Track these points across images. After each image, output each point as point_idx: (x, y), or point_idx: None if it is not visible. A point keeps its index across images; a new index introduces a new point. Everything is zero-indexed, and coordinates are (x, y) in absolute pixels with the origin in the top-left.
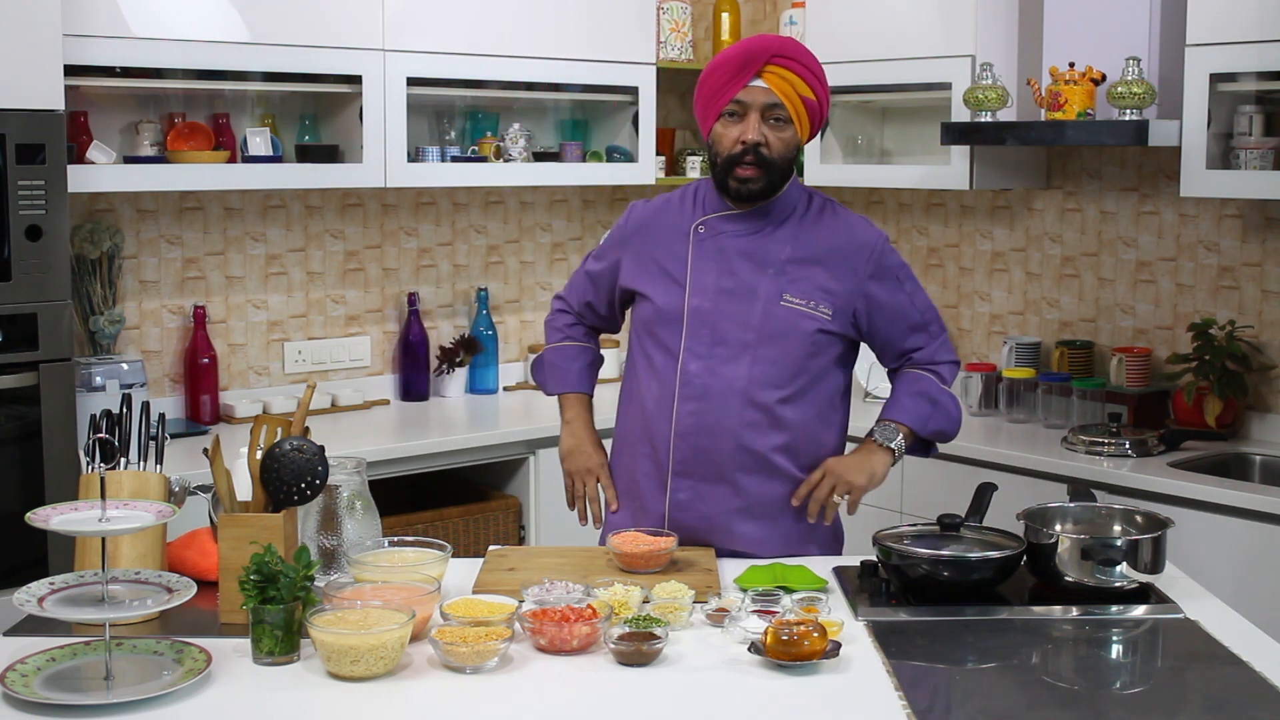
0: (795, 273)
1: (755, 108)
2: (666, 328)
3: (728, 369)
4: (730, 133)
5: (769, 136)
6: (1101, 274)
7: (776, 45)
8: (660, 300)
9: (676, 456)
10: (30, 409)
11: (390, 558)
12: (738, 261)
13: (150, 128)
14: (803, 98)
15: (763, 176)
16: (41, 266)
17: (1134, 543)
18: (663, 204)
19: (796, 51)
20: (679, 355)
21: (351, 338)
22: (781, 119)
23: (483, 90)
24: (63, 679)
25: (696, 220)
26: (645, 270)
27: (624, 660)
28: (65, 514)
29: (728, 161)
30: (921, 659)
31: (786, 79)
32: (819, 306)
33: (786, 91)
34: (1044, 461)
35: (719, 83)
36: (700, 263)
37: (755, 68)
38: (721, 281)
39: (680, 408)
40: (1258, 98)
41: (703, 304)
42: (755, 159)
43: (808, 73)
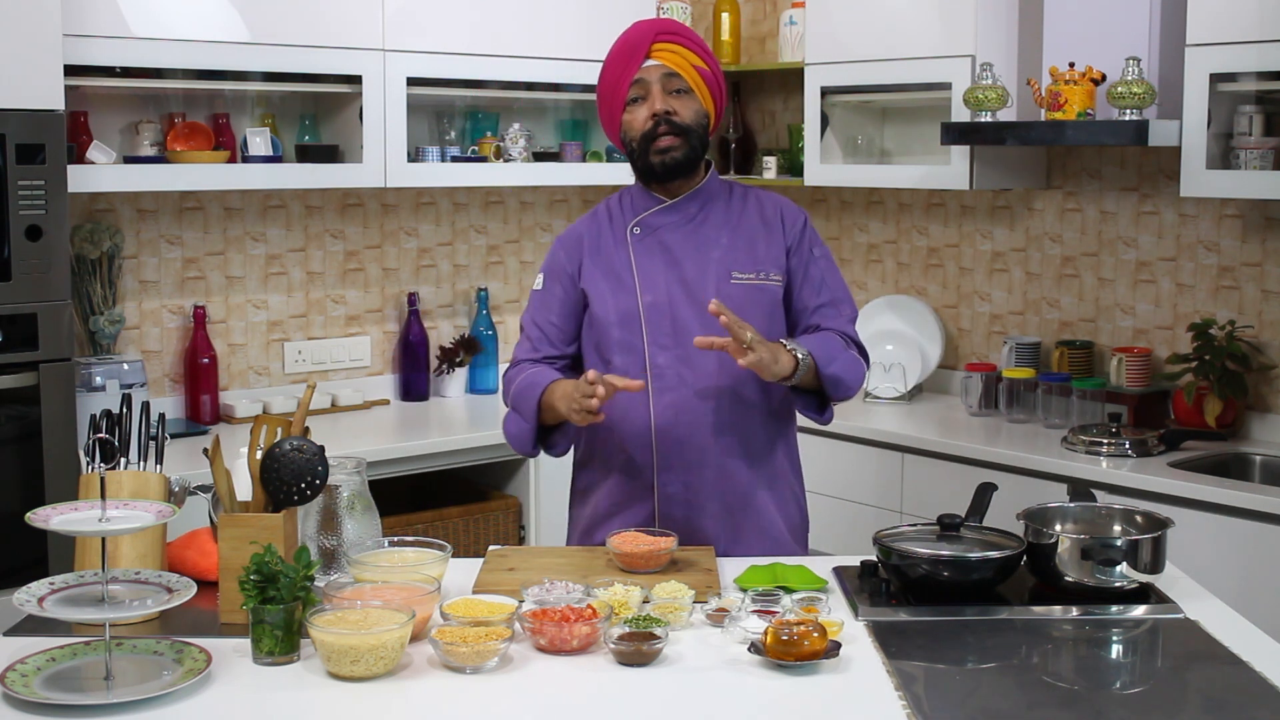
0: (737, 250)
1: (655, 82)
2: (625, 329)
3: (697, 356)
4: (638, 115)
5: (675, 105)
6: (1101, 274)
7: (658, 24)
8: (614, 302)
9: (660, 450)
10: (30, 409)
11: (390, 558)
12: (680, 251)
13: (150, 128)
14: (696, 68)
15: (683, 144)
16: (41, 266)
17: (1134, 543)
18: (588, 221)
19: (678, 27)
20: (643, 352)
21: (351, 338)
22: (683, 89)
23: (483, 90)
24: (63, 679)
25: (630, 223)
26: (593, 278)
27: (624, 660)
28: (65, 514)
29: (644, 140)
30: (921, 659)
31: (676, 52)
32: (770, 275)
33: (679, 63)
34: (1044, 461)
35: (615, 76)
36: (644, 260)
37: (644, 49)
38: (670, 273)
39: (656, 401)
40: (1258, 98)
41: (657, 299)
42: (670, 127)
43: (694, 45)
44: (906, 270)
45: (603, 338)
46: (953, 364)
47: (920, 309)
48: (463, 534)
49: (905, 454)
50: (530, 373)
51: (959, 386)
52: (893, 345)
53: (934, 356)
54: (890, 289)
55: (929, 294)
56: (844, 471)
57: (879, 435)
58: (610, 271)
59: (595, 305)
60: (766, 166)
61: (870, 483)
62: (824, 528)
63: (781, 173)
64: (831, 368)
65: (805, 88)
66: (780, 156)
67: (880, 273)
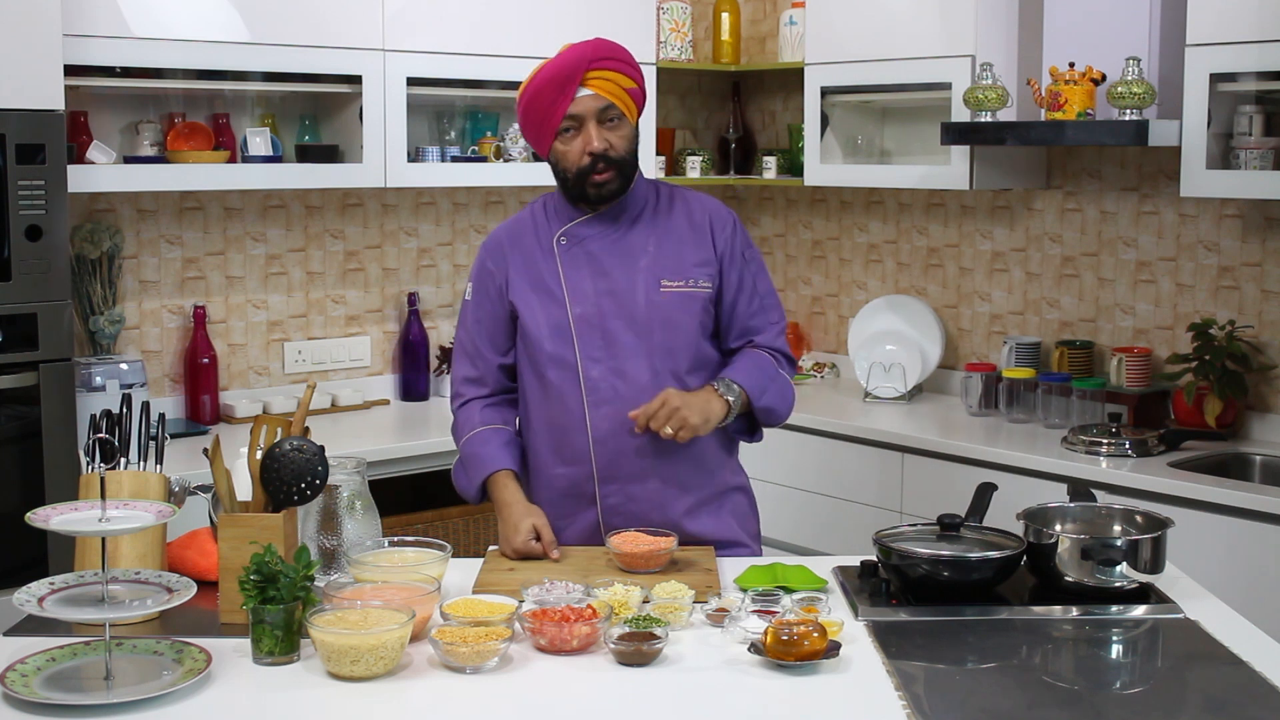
0: (665, 257)
1: (590, 116)
2: (556, 342)
3: (629, 367)
4: (573, 148)
5: (611, 139)
6: (1101, 274)
7: (592, 50)
8: (543, 315)
9: (600, 463)
10: (30, 409)
11: (390, 558)
12: (608, 261)
13: (150, 128)
14: (627, 90)
15: (617, 176)
16: (41, 266)
17: (1134, 543)
18: (513, 226)
19: (608, 50)
20: (576, 366)
21: (351, 338)
22: (615, 118)
23: (483, 90)
24: (63, 679)
25: (556, 232)
26: (521, 290)
27: (624, 660)
28: (65, 514)
29: (580, 174)
30: (921, 659)
31: (610, 78)
32: (698, 282)
33: (613, 91)
34: (1044, 461)
35: (546, 103)
36: (572, 271)
37: (578, 79)
38: (598, 284)
39: (592, 415)
40: (1258, 98)
41: (586, 310)
42: (606, 164)
43: (624, 65)
44: (906, 270)
45: (535, 352)
46: (953, 364)
47: (920, 309)
48: (463, 534)
49: (905, 454)
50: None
51: (959, 386)
52: (893, 345)
53: (934, 356)
54: (890, 289)
55: (929, 294)
56: (844, 471)
57: (879, 435)
58: (538, 283)
59: (525, 319)
60: (766, 166)
61: (870, 483)
62: (824, 528)
63: (781, 173)
64: (763, 399)
65: (805, 88)
66: (780, 156)
67: (880, 273)
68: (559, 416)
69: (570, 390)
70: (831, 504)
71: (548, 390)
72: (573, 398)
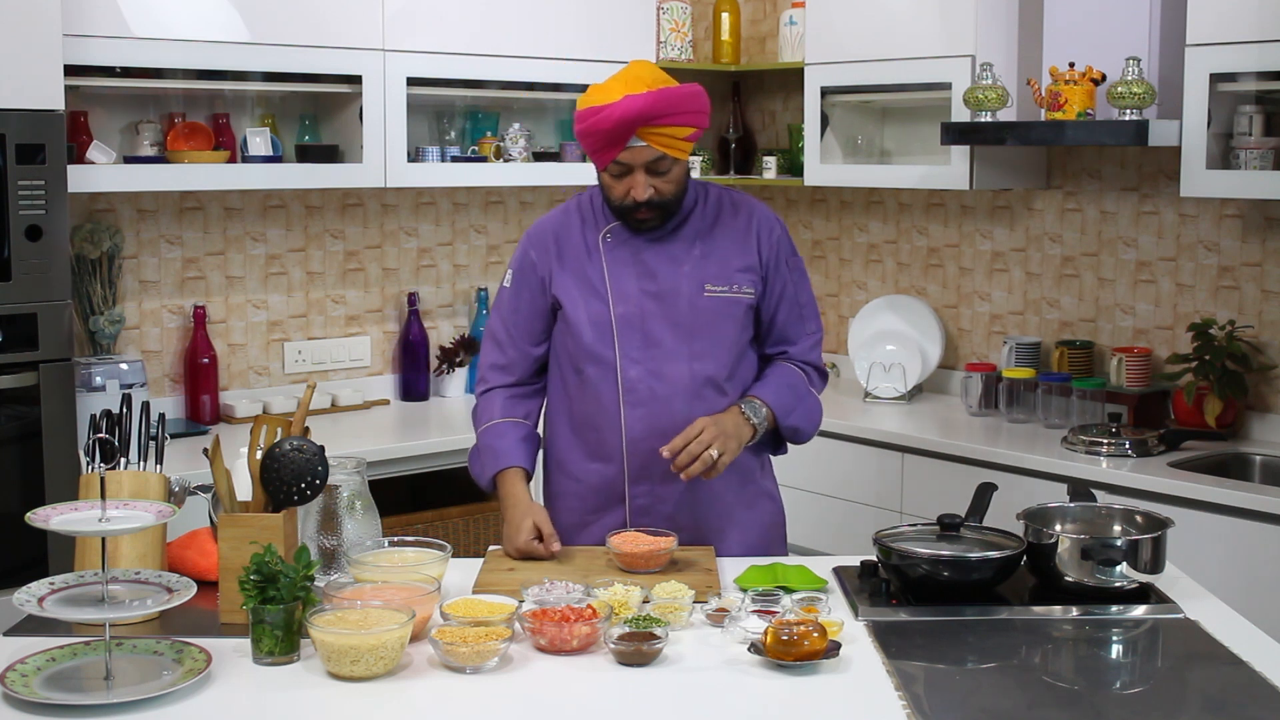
0: (710, 262)
1: (639, 167)
2: (597, 339)
3: (668, 369)
4: (618, 187)
5: (659, 185)
6: (1101, 274)
7: (648, 110)
8: (586, 311)
9: (631, 464)
10: (30, 409)
11: (390, 558)
12: (653, 262)
13: (150, 128)
14: (684, 137)
15: (658, 216)
16: (41, 266)
17: (1134, 543)
18: (559, 217)
19: (670, 106)
20: (615, 364)
21: (351, 338)
22: (666, 167)
23: (483, 90)
24: (63, 679)
25: (603, 229)
26: (564, 284)
27: (624, 660)
28: (65, 514)
29: (621, 210)
30: (921, 659)
31: (666, 134)
32: (742, 288)
33: (667, 144)
34: (1044, 461)
35: (595, 146)
36: (616, 269)
37: (628, 138)
38: (643, 285)
39: (628, 415)
40: (1258, 98)
41: (629, 310)
42: (649, 208)
43: (686, 117)
44: (906, 270)
45: (576, 346)
46: (953, 364)
47: (920, 309)
48: (463, 534)
49: (905, 454)
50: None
51: (959, 386)
52: (893, 345)
53: (934, 356)
54: (890, 289)
55: (929, 294)
56: (844, 471)
57: (879, 435)
58: (582, 278)
59: (568, 312)
60: (766, 166)
61: (870, 483)
62: (824, 528)
63: (781, 173)
64: (790, 419)
65: (805, 88)
66: (780, 156)
67: (880, 273)
68: (593, 414)
69: (607, 388)
70: (831, 504)
71: (584, 386)
72: (609, 396)
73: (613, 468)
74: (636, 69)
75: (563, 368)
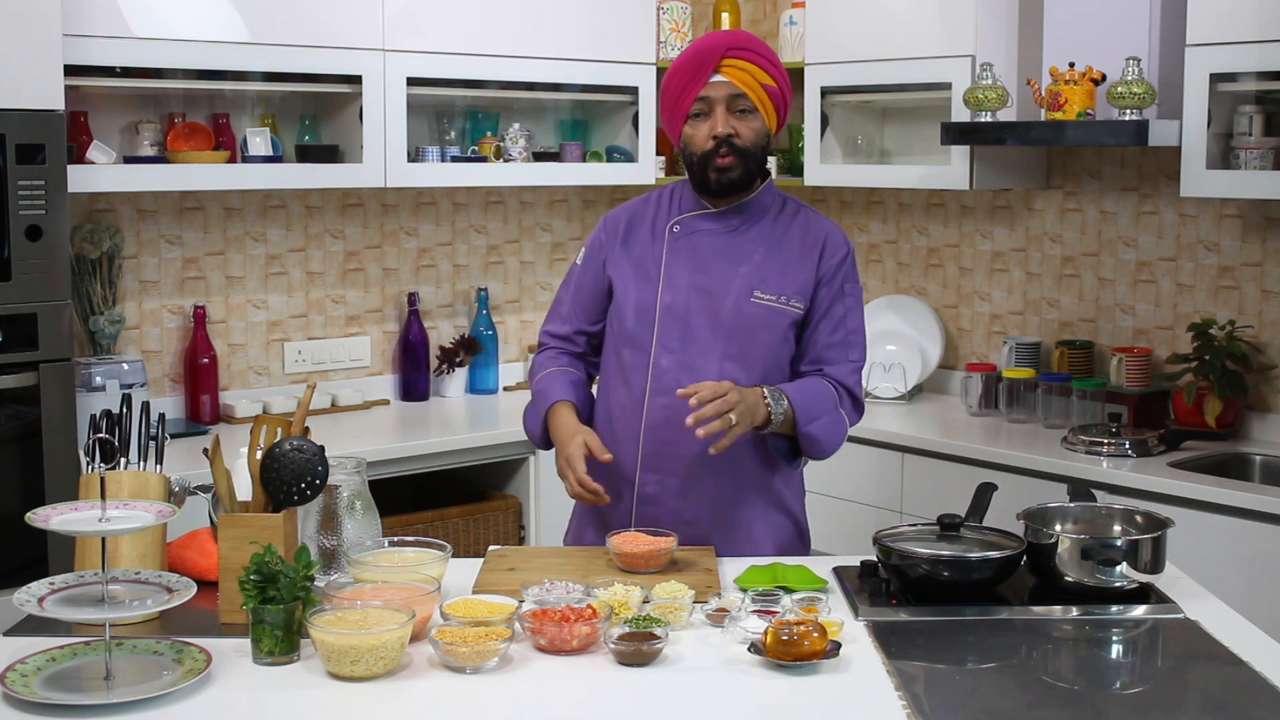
0: (768, 269)
1: (720, 101)
2: (638, 324)
3: (699, 364)
4: (700, 131)
5: (738, 127)
6: (1101, 274)
7: (729, 39)
8: (634, 296)
9: (645, 450)
10: (30, 409)
11: (390, 558)
12: (711, 259)
13: (150, 128)
14: (764, 85)
15: (739, 164)
16: (41, 266)
17: (1134, 543)
18: (639, 205)
19: (749, 42)
20: (650, 351)
21: (351, 338)
22: (747, 109)
23: (483, 90)
24: (63, 679)
25: (672, 220)
26: (621, 267)
27: (624, 660)
28: (65, 514)
29: (703, 158)
30: (921, 659)
31: (745, 69)
32: (791, 300)
33: (747, 81)
34: (1044, 461)
35: (680, 86)
36: (674, 259)
37: (712, 65)
38: (694, 279)
39: (651, 402)
40: (1258, 98)
41: (675, 300)
42: (729, 149)
43: (764, 61)
44: (906, 270)
45: (619, 328)
46: (953, 364)
47: (920, 309)
48: (463, 534)
49: (905, 454)
50: (548, 374)
51: (959, 386)
52: (893, 345)
53: (934, 356)
54: (890, 289)
55: (929, 294)
56: (844, 471)
57: (879, 435)
58: (639, 264)
59: (618, 296)
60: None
61: (870, 483)
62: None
63: (781, 173)
64: (810, 426)
65: (805, 88)
66: (780, 156)
67: (880, 273)
68: (623, 397)
69: (638, 374)
70: (831, 504)
71: (621, 368)
72: (638, 381)
73: (627, 451)
74: None
75: (607, 352)
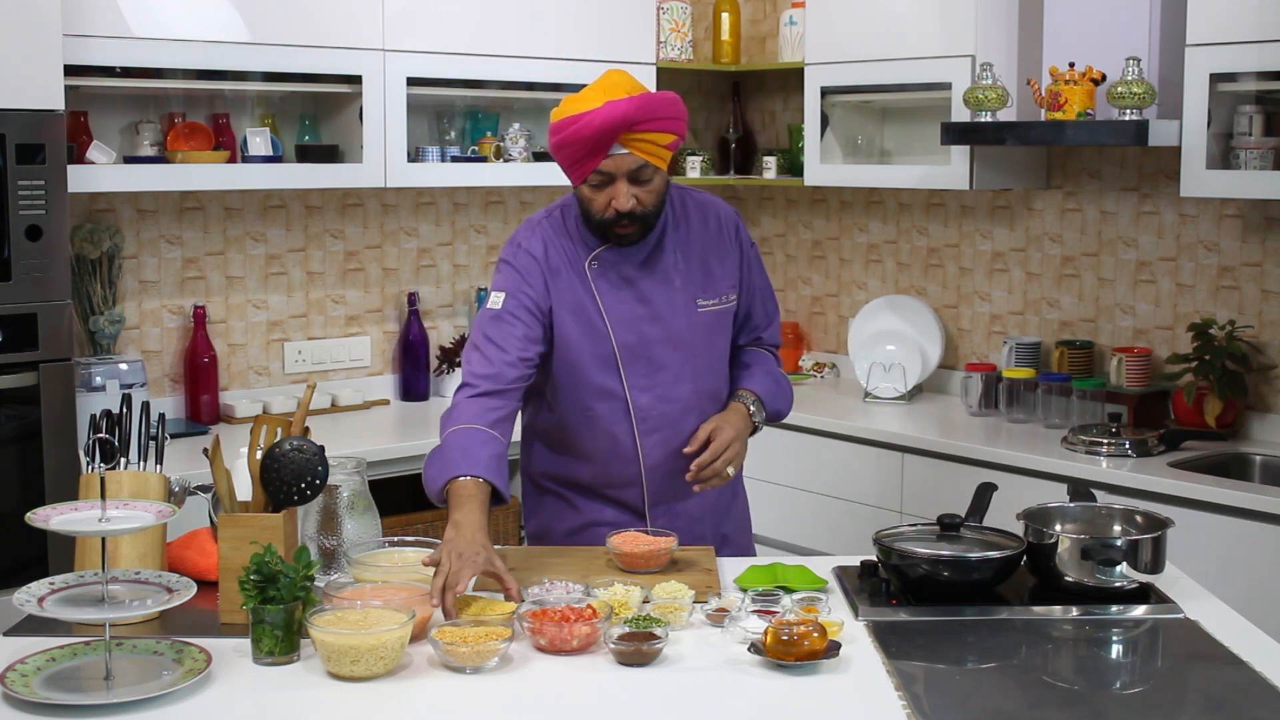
0: (694, 274)
1: (621, 176)
2: (602, 374)
3: (675, 391)
4: (599, 198)
5: (640, 195)
6: (1101, 274)
7: (631, 114)
8: (590, 348)
9: (651, 490)
10: (30, 409)
11: (390, 558)
12: (646, 285)
13: (150, 128)
14: (665, 145)
15: (640, 229)
16: (41, 266)
17: (1134, 543)
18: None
19: (652, 110)
20: (625, 396)
21: (351, 338)
22: (649, 176)
23: (483, 90)
24: (63, 679)
25: (586, 258)
26: (561, 316)
27: (624, 660)
28: (65, 514)
29: (601, 224)
30: (921, 659)
31: (647, 139)
32: (728, 296)
33: (649, 151)
34: (1044, 461)
35: (575, 156)
36: (610, 298)
37: (613, 141)
38: (638, 311)
39: (644, 443)
40: (1258, 98)
41: (630, 339)
42: (630, 219)
43: (667, 123)
44: (906, 270)
45: (581, 385)
46: (953, 364)
47: (920, 309)
48: None
49: (905, 454)
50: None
51: (959, 386)
52: (893, 345)
53: (934, 356)
54: (890, 289)
55: (929, 294)
56: (844, 471)
57: (879, 435)
58: (579, 310)
59: (569, 349)
60: (766, 166)
61: (870, 483)
62: (824, 528)
63: (781, 173)
64: (775, 403)
65: (805, 88)
66: (780, 156)
67: (880, 273)
68: (607, 448)
69: (619, 421)
70: (831, 504)
71: (596, 423)
72: (623, 429)
73: (631, 494)
74: (613, 77)
75: (565, 407)
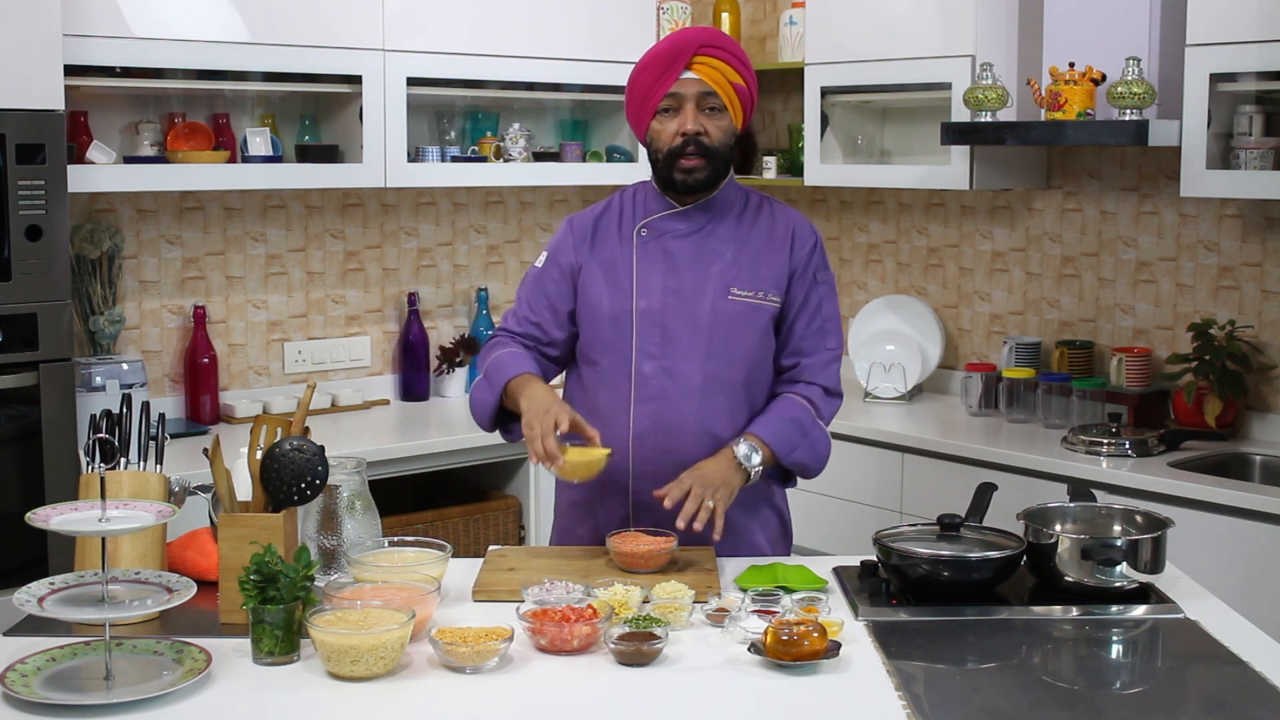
0: (741, 265)
1: (690, 99)
2: (616, 332)
3: (682, 367)
4: (668, 127)
5: (707, 125)
6: (1101, 274)
7: (703, 36)
8: (609, 303)
9: (637, 459)
10: (30, 409)
11: (390, 558)
12: (683, 260)
13: (150, 128)
14: (733, 84)
15: (706, 165)
16: (41, 266)
17: (1134, 543)
18: (602, 210)
19: (722, 40)
20: (631, 358)
21: (351, 338)
22: (716, 107)
23: (483, 90)
24: (63, 679)
25: (639, 223)
26: (591, 273)
27: (624, 660)
28: (65, 514)
29: (669, 155)
30: (921, 659)
31: (716, 67)
32: (768, 295)
33: (717, 80)
34: (1044, 461)
35: (650, 80)
36: (645, 265)
37: (684, 60)
38: (668, 282)
39: (637, 410)
40: (1258, 98)
41: (651, 305)
42: (697, 149)
43: (735, 60)
44: (906, 270)
45: (593, 336)
46: (953, 364)
47: (920, 309)
48: (463, 534)
49: (905, 454)
50: (511, 351)
51: (959, 386)
52: (893, 345)
53: (934, 356)
54: (890, 289)
55: (929, 294)
56: (844, 471)
57: (879, 435)
58: (610, 270)
59: (590, 301)
60: (766, 166)
61: (870, 483)
62: (824, 528)
63: (781, 173)
64: (794, 455)
65: (805, 88)
66: (780, 156)
67: (880, 273)
68: (604, 405)
69: (620, 381)
70: (831, 504)
71: (599, 376)
72: (621, 389)
73: (618, 460)
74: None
75: (578, 357)
